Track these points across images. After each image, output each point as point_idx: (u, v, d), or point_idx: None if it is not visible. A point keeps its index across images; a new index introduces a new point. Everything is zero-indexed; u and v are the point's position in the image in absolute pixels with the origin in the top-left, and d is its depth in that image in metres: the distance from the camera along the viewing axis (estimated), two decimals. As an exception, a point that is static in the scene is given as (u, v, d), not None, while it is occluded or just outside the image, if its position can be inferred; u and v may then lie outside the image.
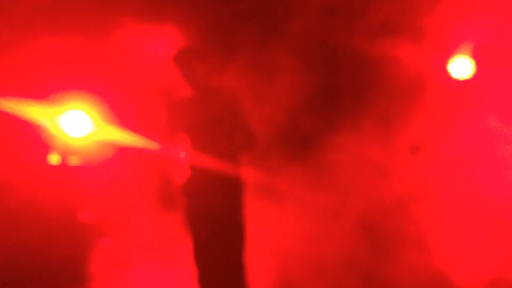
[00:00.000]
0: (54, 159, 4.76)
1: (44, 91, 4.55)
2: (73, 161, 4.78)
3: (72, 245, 4.56)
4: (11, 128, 4.53)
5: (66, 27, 4.61)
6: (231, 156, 3.57)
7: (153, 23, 4.77)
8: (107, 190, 4.82)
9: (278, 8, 5.19)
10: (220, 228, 3.53)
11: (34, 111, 4.50)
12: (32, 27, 4.54)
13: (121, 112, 4.72)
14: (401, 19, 4.88)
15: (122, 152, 4.79)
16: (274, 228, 4.72)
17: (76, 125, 4.65)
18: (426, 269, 4.51)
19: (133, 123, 4.62)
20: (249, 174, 3.76)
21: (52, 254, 4.45)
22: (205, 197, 3.53)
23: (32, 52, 4.52)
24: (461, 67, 4.98)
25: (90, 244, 4.68)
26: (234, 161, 3.59)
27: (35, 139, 4.67)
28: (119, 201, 4.83)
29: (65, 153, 4.79)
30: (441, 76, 5.08)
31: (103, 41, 4.75)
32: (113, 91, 4.74)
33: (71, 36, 4.63)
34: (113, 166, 4.84)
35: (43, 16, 4.63)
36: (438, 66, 5.07)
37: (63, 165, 4.78)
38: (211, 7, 5.15)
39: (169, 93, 4.64)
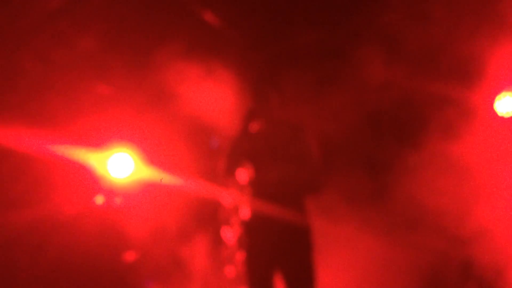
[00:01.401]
0: (100, 198, 4.94)
1: (92, 134, 4.73)
2: (118, 200, 4.94)
3: (115, 284, 4.69)
4: (61, 170, 4.73)
5: (112, 72, 4.77)
6: (293, 196, 3.37)
7: (200, 65, 4.82)
8: (151, 228, 4.95)
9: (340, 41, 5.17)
10: (281, 271, 3.34)
11: (82, 154, 4.70)
12: (79, 72, 4.72)
13: (167, 154, 4.83)
14: (448, 57, 4.83)
15: (166, 192, 4.92)
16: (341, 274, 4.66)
17: (121, 166, 4.84)
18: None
19: (180, 166, 4.74)
20: (313, 217, 3.48)
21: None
22: (265, 241, 3.34)
23: (80, 97, 4.71)
24: (507, 103, 4.88)
25: (134, 284, 4.80)
26: (297, 202, 3.38)
27: (83, 180, 4.86)
28: (162, 240, 4.95)
29: (110, 193, 4.97)
30: (487, 112, 4.99)
31: (151, 84, 4.89)
32: (160, 133, 4.87)
33: (117, 81, 4.80)
34: (157, 205, 4.98)
35: (90, 61, 4.81)
36: (485, 103, 4.98)
37: (109, 204, 4.95)
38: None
39: (226, 130, 4.69)
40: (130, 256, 4.92)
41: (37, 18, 4.63)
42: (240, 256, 3.48)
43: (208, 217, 4.98)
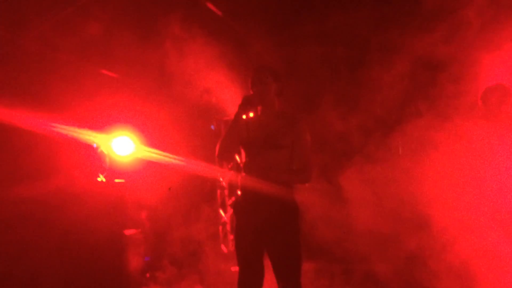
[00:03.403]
0: (104, 175, 5.23)
1: (97, 118, 4.98)
2: (120, 177, 5.22)
3: (117, 257, 4.94)
4: (70, 150, 5.00)
5: (116, 59, 4.97)
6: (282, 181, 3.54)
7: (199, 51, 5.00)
8: (150, 205, 5.23)
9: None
10: (268, 247, 3.53)
11: (89, 136, 4.96)
12: (85, 59, 4.93)
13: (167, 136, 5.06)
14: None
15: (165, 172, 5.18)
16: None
17: (123, 147, 5.12)
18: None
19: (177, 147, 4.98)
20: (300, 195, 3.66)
21: (98, 265, 4.83)
22: (254, 217, 3.52)
23: (86, 83, 4.93)
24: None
25: (133, 257, 5.08)
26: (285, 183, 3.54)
27: (90, 159, 5.14)
28: (160, 214, 5.23)
29: (113, 170, 5.25)
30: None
31: (152, 69, 5.08)
32: (160, 117, 5.11)
33: (121, 68, 4.99)
34: (155, 181, 5.26)
35: (94, 46, 5.01)
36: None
37: (112, 180, 5.23)
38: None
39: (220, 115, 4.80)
40: (130, 231, 5.19)
41: (42, 4, 4.82)
42: (232, 235, 3.67)
43: (206, 196, 5.25)
